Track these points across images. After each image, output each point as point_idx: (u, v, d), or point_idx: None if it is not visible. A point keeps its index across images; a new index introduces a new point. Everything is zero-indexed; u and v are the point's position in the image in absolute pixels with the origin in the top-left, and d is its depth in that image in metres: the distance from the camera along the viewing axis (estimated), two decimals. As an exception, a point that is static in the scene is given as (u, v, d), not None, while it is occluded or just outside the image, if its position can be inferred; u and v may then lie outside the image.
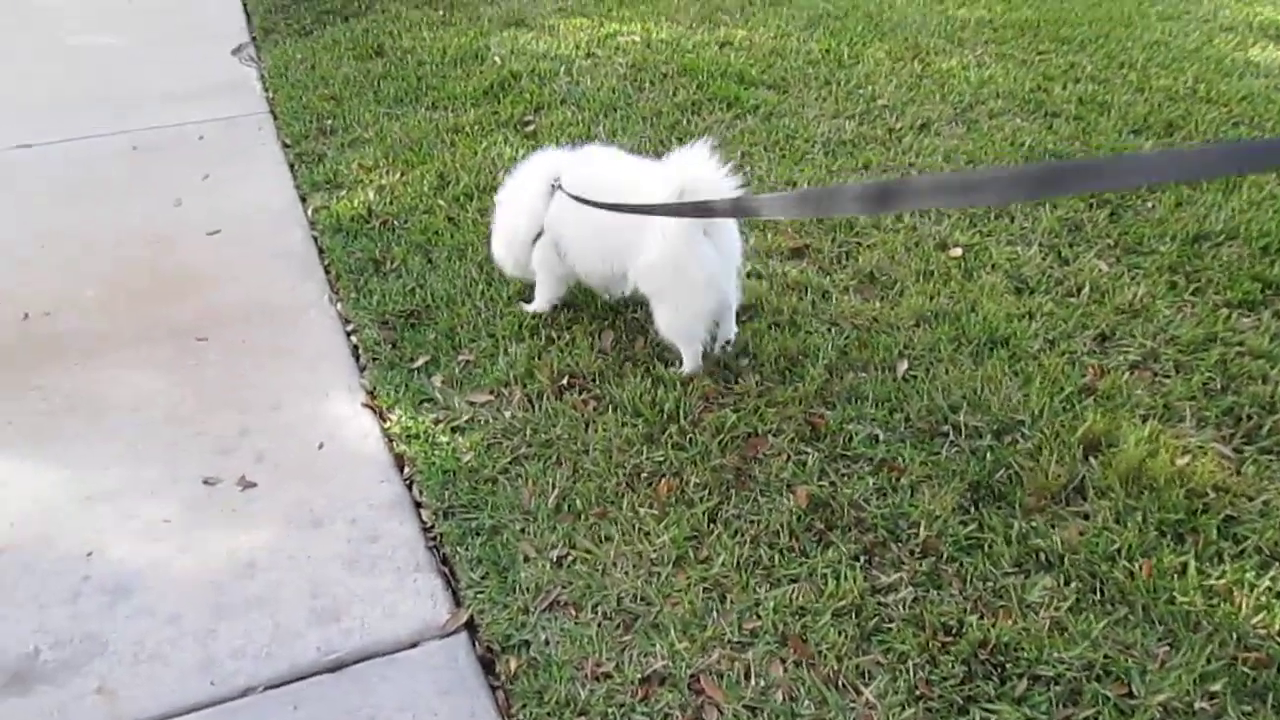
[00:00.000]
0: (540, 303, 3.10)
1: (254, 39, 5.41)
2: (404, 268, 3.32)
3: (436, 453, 2.63)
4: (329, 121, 4.34)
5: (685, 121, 4.28)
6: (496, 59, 4.90)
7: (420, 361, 2.94)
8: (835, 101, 4.48)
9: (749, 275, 3.25)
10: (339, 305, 3.22)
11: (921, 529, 2.36)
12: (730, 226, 2.74)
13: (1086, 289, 3.17)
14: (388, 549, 2.38)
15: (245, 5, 5.93)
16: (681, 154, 2.55)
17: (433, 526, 2.45)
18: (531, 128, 4.21)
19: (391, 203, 3.67)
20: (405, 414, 2.76)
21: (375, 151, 4.02)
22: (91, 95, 4.73)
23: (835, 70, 4.78)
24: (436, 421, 2.73)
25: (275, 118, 4.48)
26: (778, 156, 3.98)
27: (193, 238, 3.59)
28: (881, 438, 2.63)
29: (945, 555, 2.30)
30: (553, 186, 2.81)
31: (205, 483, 2.57)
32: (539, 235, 2.90)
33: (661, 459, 2.57)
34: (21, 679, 2.09)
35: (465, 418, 2.74)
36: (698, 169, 2.50)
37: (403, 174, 3.87)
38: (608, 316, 3.09)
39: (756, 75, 4.72)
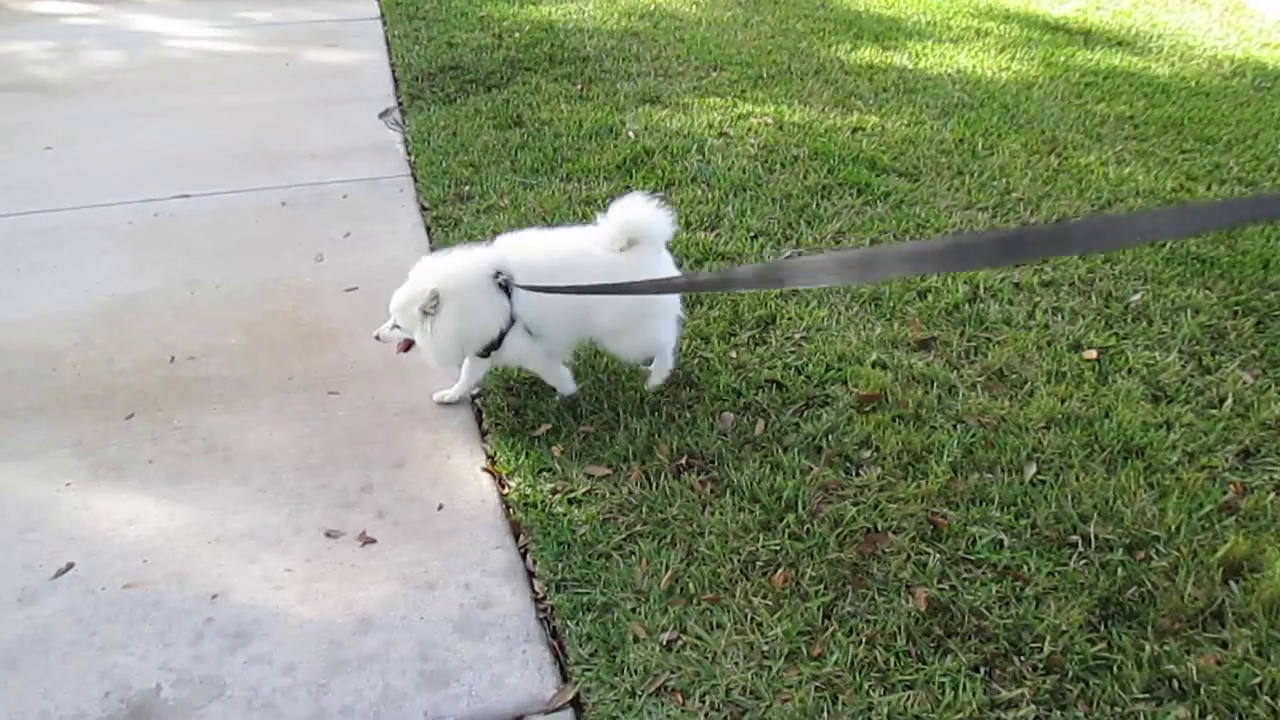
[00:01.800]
0: (459, 389, 3.12)
1: (400, 104, 5.63)
2: (531, 336, 3.37)
3: (552, 523, 2.64)
4: (466, 187, 4.47)
5: (814, 205, 4.28)
6: (631, 134, 5.00)
7: (541, 430, 2.97)
8: (968, 192, 4.43)
9: (873, 365, 3.21)
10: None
11: (1046, 643, 2.26)
12: (669, 263, 2.96)
13: (1229, 401, 3.04)
14: (499, 616, 2.39)
15: (394, 72, 6.19)
16: (622, 200, 2.84)
17: (544, 597, 2.45)
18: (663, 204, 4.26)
19: (522, 270, 3.74)
20: (524, 481, 2.78)
21: (509, 219, 4.12)
22: (247, 152, 4.98)
23: (969, 160, 4.74)
24: (554, 491, 2.75)
25: (415, 181, 4.63)
26: (907, 245, 3.94)
27: (332, 292, 3.72)
28: (1006, 543, 2.55)
29: (1070, 674, 2.20)
30: (500, 284, 2.83)
31: (327, 535, 2.63)
32: (508, 328, 2.89)
33: (777, 548, 2.54)
34: (142, 715, 2.15)
35: (583, 490, 2.75)
36: (635, 209, 2.80)
37: (534, 242, 3.95)
38: (728, 398, 3.08)
39: (888, 162, 4.71)
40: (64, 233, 4.16)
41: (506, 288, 2.83)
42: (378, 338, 2.97)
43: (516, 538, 2.63)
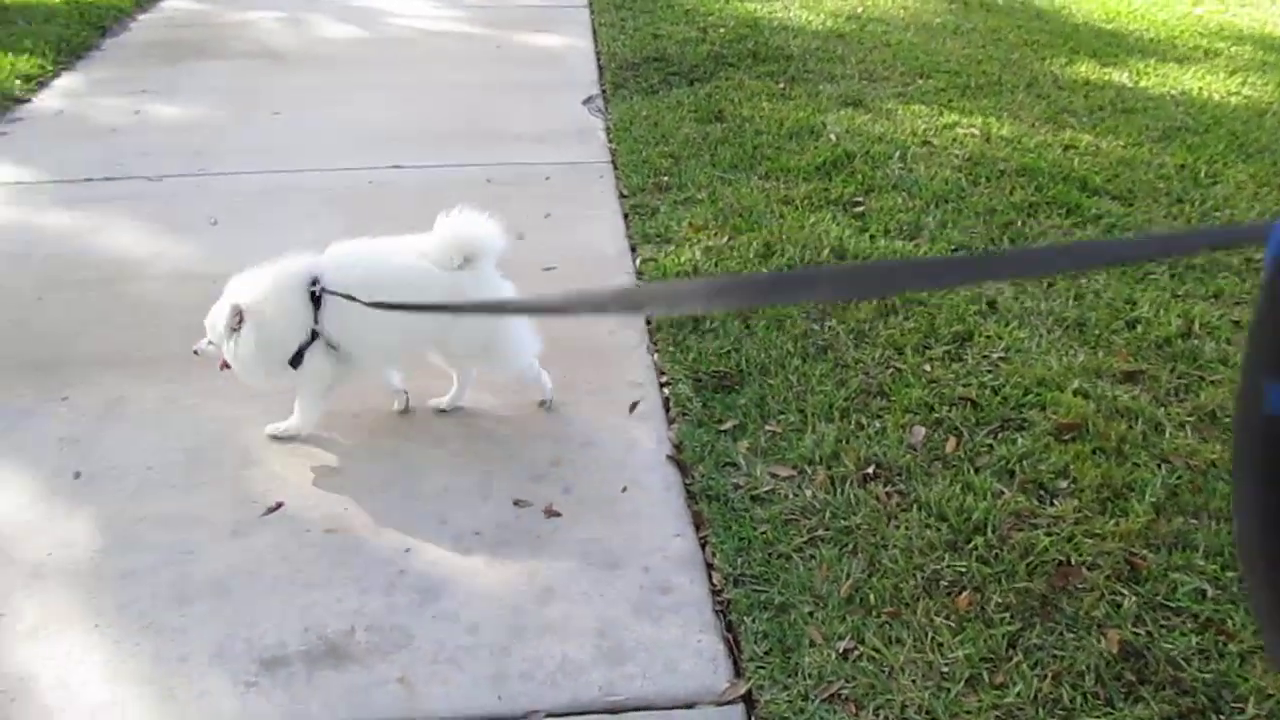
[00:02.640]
0: (302, 422, 2.89)
1: (604, 92, 5.73)
2: (722, 330, 3.39)
3: (734, 518, 2.65)
4: (665, 178, 4.52)
5: (1020, 223, 4.15)
6: (832, 136, 4.95)
7: (728, 425, 2.98)
8: (1187, 221, 4.20)
9: (1074, 393, 3.08)
10: (655, 356, 3.33)
11: (1250, 705, 2.14)
12: (501, 282, 2.89)
13: None
14: (676, 603, 2.42)
15: (599, 60, 6.31)
16: (451, 214, 2.76)
17: (722, 590, 2.46)
18: (860, 209, 4.21)
19: (717, 264, 3.77)
20: (707, 473, 2.80)
21: (706, 212, 4.15)
22: (456, 129, 5.17)
23: (1189, 188, 4.49)
24: (737, 487, 2.75)
25: (616, 168, 4.71)
26: (1115, 273, 3.77)
27: (531, 271, 3.81)
28: (1210, 594, 2.41)
29: (1276, 741, 2.07)
30: (313, 292, 2.71)
31: (515, 503, 2.71)
32: (306, 343, 2.75)
33: (963, 569, 2.48)
34: (336, 653, 2.27)
35: (765, 489, 2.75)
36: (466, 223, 2.74)
37: (730, 238, 3.97)
38: (919, 412, 3.02)
39: (1101, 183, 4.51)
40: (286, 193, 4.41)
41: (317, 299, 2.70)
42: (196, 353, 2.83)
43: (697, 528, 2.65)
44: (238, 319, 2.71)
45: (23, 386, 3.12)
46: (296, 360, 2.75)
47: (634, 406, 3.09)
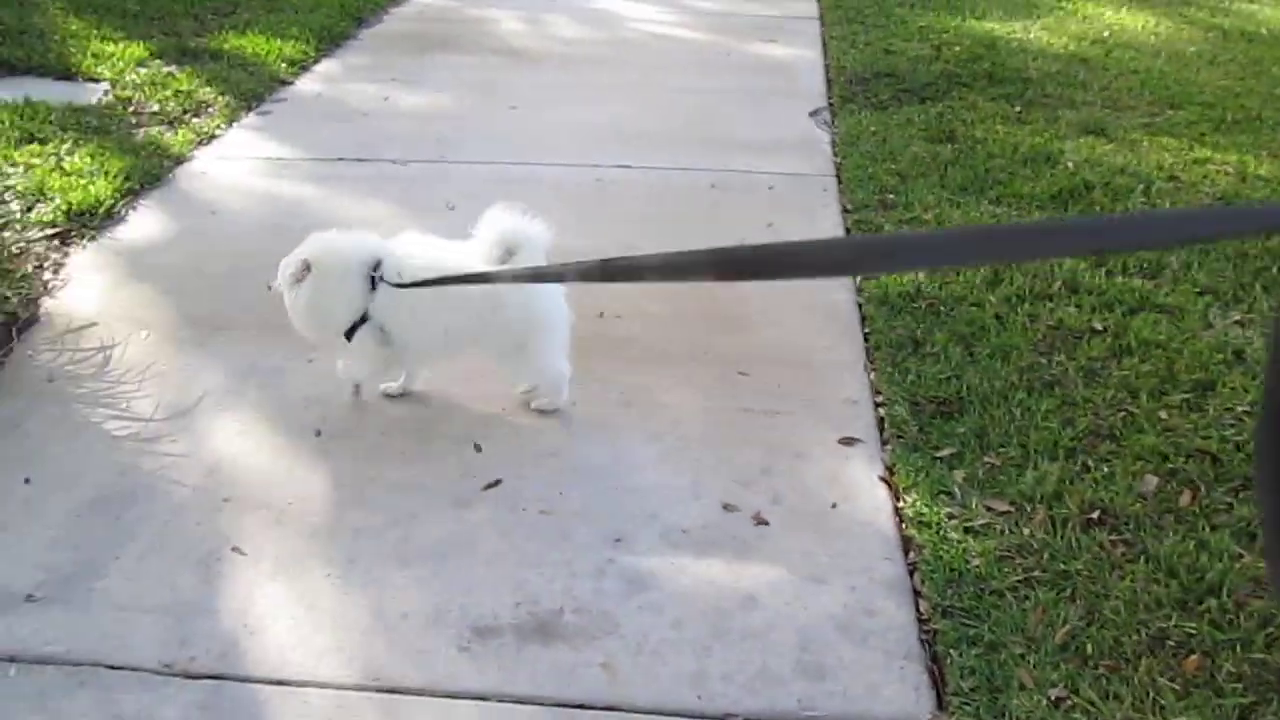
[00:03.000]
0: (345, 375, 3.06)
1: (831, 105, 5.69)
2: (943, 355, 3.31)
3: (945, 548, 2.58)
4: (891, 196, 4.45)
5: (1275, 269, 3.87)
6: (1069, 165, 4.75)
7: (945, 452, 2.91)
8: None
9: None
10: (872, 375, 3.28)
11: None
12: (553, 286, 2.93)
13: None
14: (881, 626, 2.38)
15: (828, 72, 6.27)
16: (493, 210, 2.82)
17: (929, 619, 2.41)
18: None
19: (941, 288, 3.68)
20: (920, 500, 2.74)
21: (932, 234, 4.06)
22: (683, 133, 5.24)
23: None
24: (950, 517, 2.69)
25: (840, 182, 4.67)
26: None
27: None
28: None
29: None
30: (372, 277, 2.79)
31: (724, 507, 2.73)
32: (359, 323, 2.85)
33: (1193, 631, 2.33)
34: (546, 632, 2.35)
35: (980, 522, 2.67)
36: (510, 218, 2.80)
37: (956, 261, 3.87)
38: (1151, 460, 2.87)
39: (1372, 235, 4.15)
40: (519, 184, 4.58)
41: (374, 283, 2.80)
42: (269, 288, 2.95)
43: (906, 553, 2.60)
44: (304, 273, 2.85)
45: (277, 346, 3.35)
46: (350, 334, 2.89)
47: (848, 424, 3.06)
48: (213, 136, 5.12)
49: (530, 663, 2.27)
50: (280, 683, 2.22)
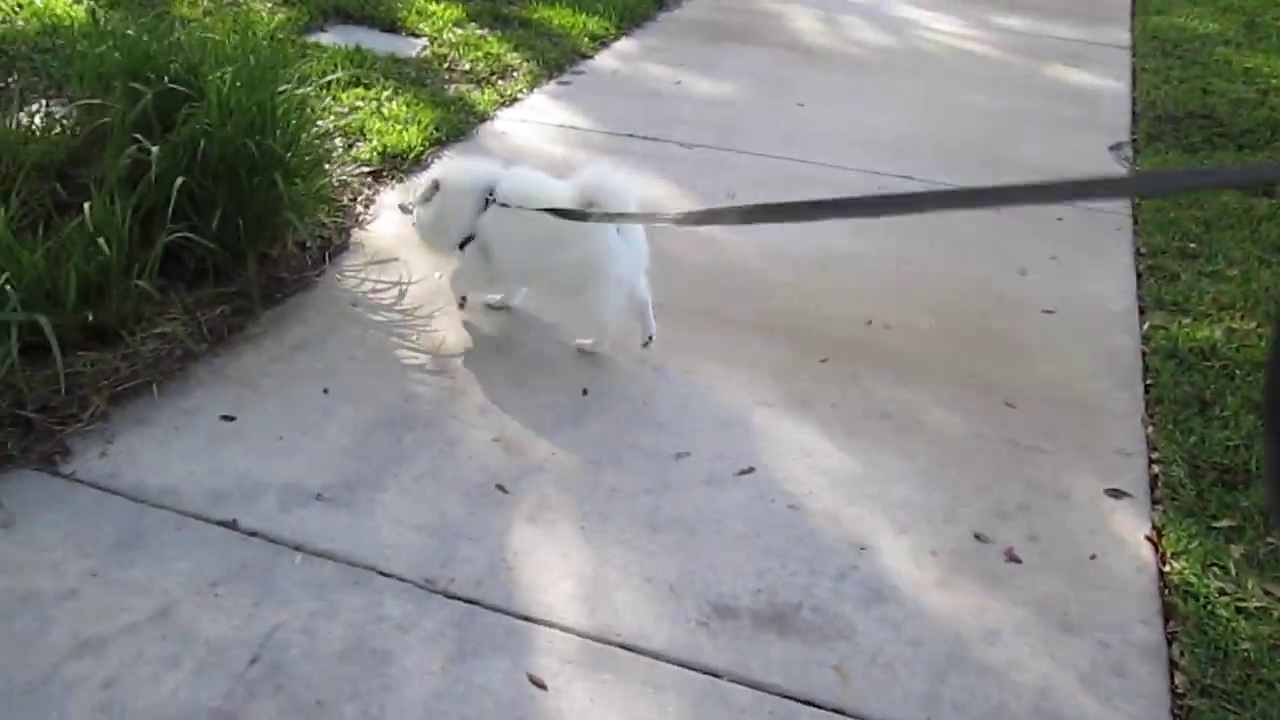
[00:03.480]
0: (454, 288, 3.44)
1: (1134, 141, 5.39)
2: (1234, 421, 3.09)
3: (1212, 624, 2.43)
4: (1193, 245, 4.18)
5: None
6: (1405, 239, 4.31)
7: (1223, 524, 2.73)
8: None
9: None
10: (1149, 429, 3.11)
11: None
12: (639, 230, 3.11)
13: None
14: (1129, 690, 2.27)
15: (1134, 107, 5.94)
16: (591, 165, 3.19)
17: (1184, 695, 2.27)
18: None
19: (1239, 350, 3.44)
20: (1189, 568, 2.58)
21: (1236, 291, 3.79)
22: (970, 150, 5.10)
23: None
24: (1221, 592, 2.52)
25: (1136, 223, 4.43)
26: None
27: (1027, 309, 3.71)
28: None
29: None
30: (487, 200, 3.16)
31: (976, 536, 2.67)
32: (468, 240, 3.22)
33: None
34: (782, 623, 2.37)
35: (1255, 604, 2.49)
36: (602, 175, 3.05)
37: (1259, 324, 3.60)
38: None
39: None
40: (800, 182, 4.60)
41: (486, 204, 3.15)
42: (400, 208, 3.52)
43: (1166, 621, 2.46)
44: (432, 191, 3.26)
45: (555, 303, 3.52)
46: (462, 248, 3.27)
47: (1117, 475, 2.92)
48: (515, 99, 5.40)
49: (763, 650, 2.30)
50: (527, 618, 2.34)
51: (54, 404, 2.89)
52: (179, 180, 3.24)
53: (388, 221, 4.01)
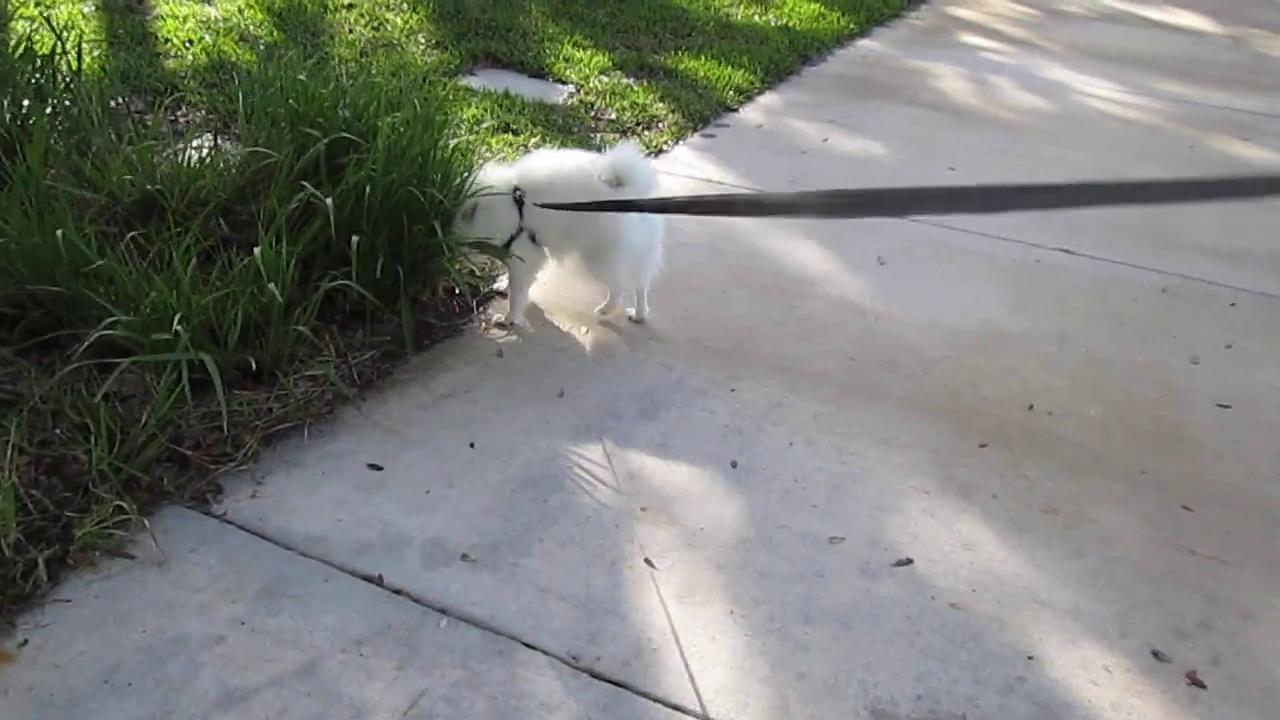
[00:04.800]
0: (516, 312, 3.68)
1: (1311, 222, 5.08)
2: None
3: None
4: (1384, 341, 3.89)
5: None
6: None
7: None
8: None
9: None
10: (1346, 544, 2.86)
11: None
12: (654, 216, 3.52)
13: None
14: None
15: (1309, 185, 5.61)
16: (615, 148, 3.62)
17: None
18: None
19: None
20: (1399, 709, 2.35)
21: None
22: (1133, 225, 4.87)
23: None
24: None
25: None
26: None
27: (1201, 401, 3.49)
28: None
29: None
30: (516, 198, 3.47)
31: (1154, 654, 2.48)
32: (516, 235, 3.51)
33: None
34: (944, 735, 2.22)
35: None
36: (624, 155, 3.46)
37: None
38: None
39: None
40: (955, 251, 4.45)
41: (520, 202, 3.46)
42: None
43: (1373, 768, 2.23)
44: (472, 210, 3.54)
45: (701, 367, 3.45)
46: (508, 245, 3.54)
47: (1310, 595, 2.69)
48: (660, 150, 5.38)
49: (925, 764, 2.16)
50: (677, 708, 2.25)
51: (209, 441, 2.93)
52: (346, 227, 3.27)
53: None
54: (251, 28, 6.20)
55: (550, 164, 3.58)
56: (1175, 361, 3.72)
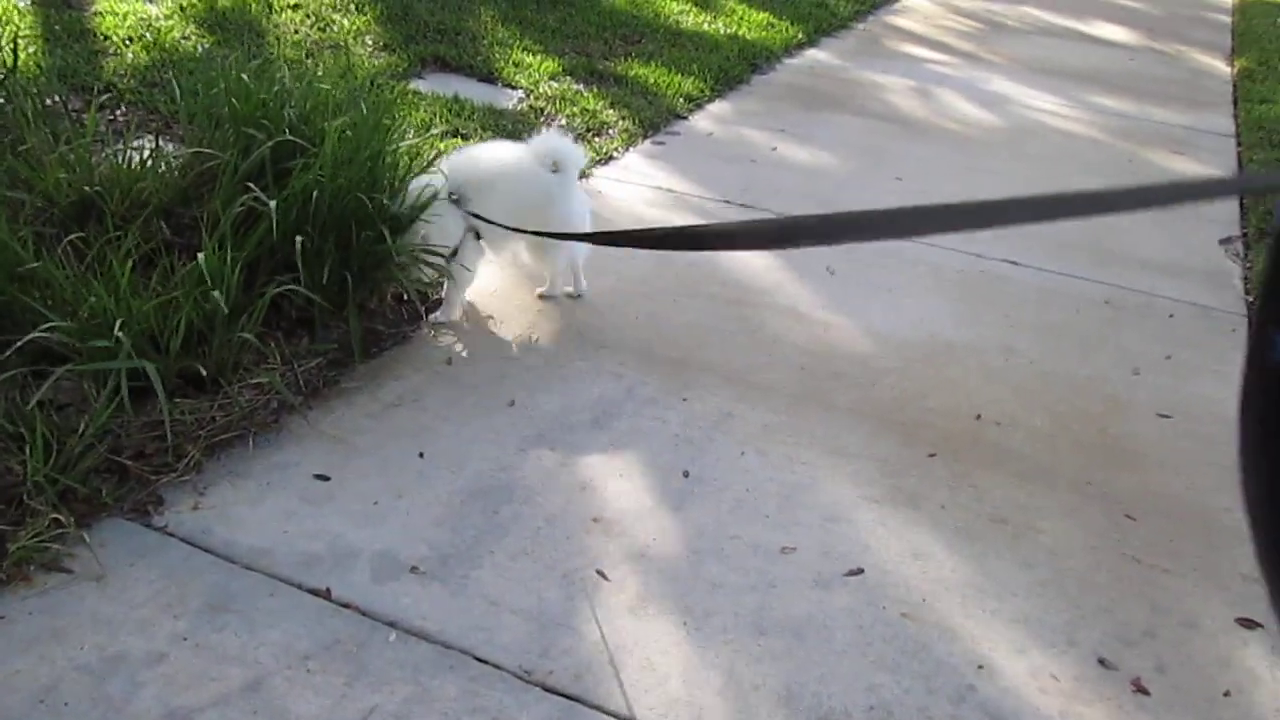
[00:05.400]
0: (454, 309, 3.69)
1: (1245, 236, 5.21)
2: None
3: (1364, 781, 2.24)
4: (1315, 353, 3.99)
5: None
6: None
7: (1370, 666, 2.54)
8: None
9: None
10: None
11: None
12: (582, 196, 3.75)
13: None
14: None
15: (1242, 201, 5.76)
16: (543, 135, 3.77)
17: None
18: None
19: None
20: (1336, 715, 2.40)
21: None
22: (1075, 238, 4.94)
23: None
24: (1372, 744, 2.34)
25: (1250, 326, 4.25)
26: None
27: (1141, 412, 3.56)
28: None
29: None
30: (451, 199, 3.51)
31: (1100, 662, 2.51)
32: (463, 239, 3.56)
33: None
34: (896, 746, 2.23)
35: None
36: (556, 141, 3.64)
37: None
38: None
39: None
40: (900, 263, 4.49)
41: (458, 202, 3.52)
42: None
43: (1312, 773, 2.29)
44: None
45: (652, 375, 3.44)
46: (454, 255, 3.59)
47: (1247, 603, 2.75)
48: (610, 157, 5.37)
49: (878, 776, 2.16)
50: (630, 721, 2.23)
51: (150, 451, 2.86)
52: (292, 232, 3.22)
53: (486, 278, 3.96)
54: (194, 26, 6.08)
55: (491, 159, 3.66)
56: (1118, 373, 3.79)
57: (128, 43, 5.65)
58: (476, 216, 3.51)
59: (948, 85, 7.53)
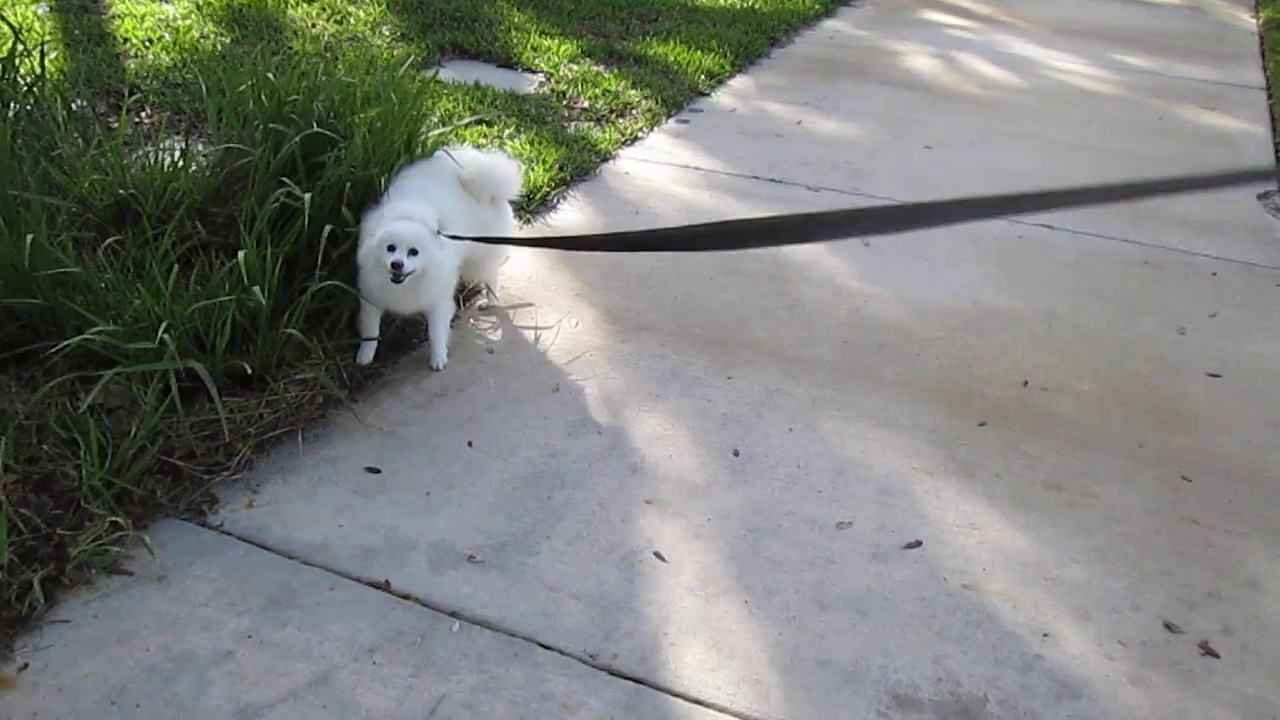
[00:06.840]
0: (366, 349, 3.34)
1: (1282, 189, 5.14)
2: None
3: None
4: (1364, 305, 3.93)
5: None
6: None
7: None
8: None
9: None
10: (1343, 509, 2.89)
11: None
12: (510, 212, 3.67)
13: None
14: (1359, 812, 2.07)
15: (1277, 151, 5.67)
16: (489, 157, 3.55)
17: None
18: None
19: None
20: None
21: None
22: (1111, 197, 4.88)
23: None
24: None
25: (1296, 280, 4.19)
26: None
27: (1191, 372, 3.51)
28: None
29: None
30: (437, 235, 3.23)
31: (1166, 626, 2.49)
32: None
33: None
34: (968, 717, 2.22)
35: None
36: (492, 162, 3.48)
37: None
38: None
39: None
40: (936, 232, 4.43)
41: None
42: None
43: (1388, 731, 2.25)
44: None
45: (696, 356, 3.42)
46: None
47: (1314, 561, 2.71)
48: (635, 138, 5.34)
49: (951, 748, 2.15)
50: (699, 702, 2.22)
51: (201, 451, 2.86)
52: (327, 226, 3.21)
53: (519, 265, 3.95)
54: (212, 24, 6.07)
55: (476, 164, 3.48)
56: (1163, 334, 3.74)
57: (148, 44, 5.65)
58: (468, 238, 3.28)
59: (969, 50, 7.44)
